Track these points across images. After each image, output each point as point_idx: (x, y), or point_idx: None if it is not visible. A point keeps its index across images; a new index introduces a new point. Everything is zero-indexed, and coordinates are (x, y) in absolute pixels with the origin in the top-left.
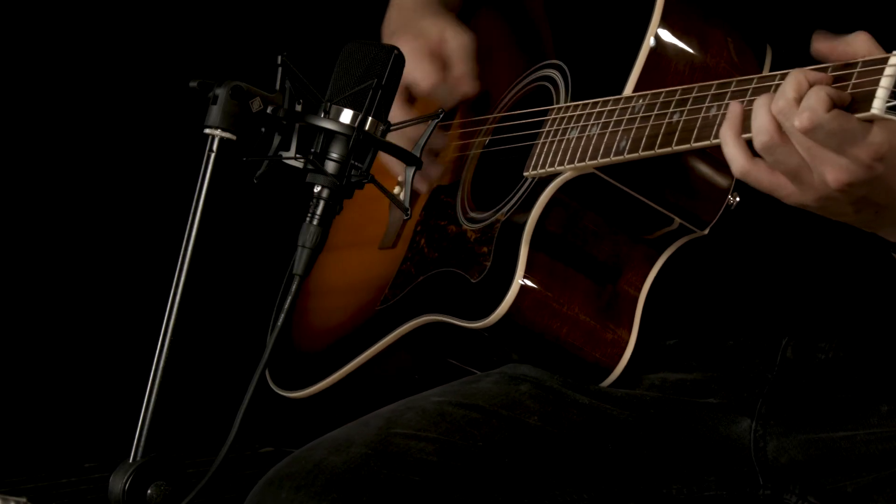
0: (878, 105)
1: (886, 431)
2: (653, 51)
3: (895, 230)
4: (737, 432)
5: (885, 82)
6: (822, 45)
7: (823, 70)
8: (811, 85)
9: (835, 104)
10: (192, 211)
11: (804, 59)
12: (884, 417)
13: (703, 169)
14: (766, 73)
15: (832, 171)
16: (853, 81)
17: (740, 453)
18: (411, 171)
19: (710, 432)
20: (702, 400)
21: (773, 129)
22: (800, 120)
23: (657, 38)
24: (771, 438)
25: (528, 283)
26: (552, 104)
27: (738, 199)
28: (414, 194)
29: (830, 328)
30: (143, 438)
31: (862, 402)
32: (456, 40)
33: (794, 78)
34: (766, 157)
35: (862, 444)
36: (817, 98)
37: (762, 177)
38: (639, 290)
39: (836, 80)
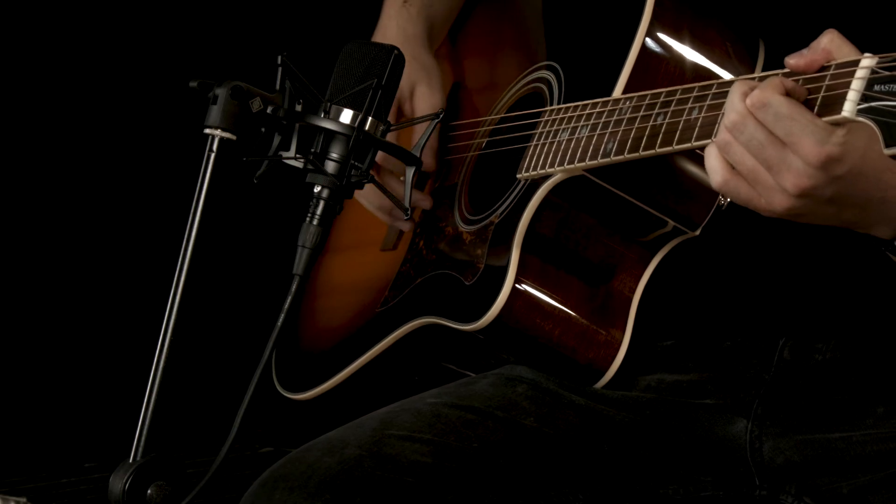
0: (848, 108)
1: (882, 433)
2: (642, 52)
3: (887, 228)
4: (733, 433)
5: (855, 84)
6: (794, 61)
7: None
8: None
9: (789, 93)
10: (192, 211)
11: None
12: (880, 418)
13: (693, 170)
14: (758, 70)
15: (790, 177)
16: (826, 83)
17: (736, 454)
18: (411, 171)
19: (707, 433)
20: (698, 401)
21: (724, 163)
22: (750, 98)
23: (647, 39)
24: (767, 439)
25: (520, 285)
26: (546, 106)
27: (728, 199)
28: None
29: (827, 329)
30: (143, 438)
31: (858, 403)
32: (424, 102)
33: (738, 91)
34: (730, 146)
35: (858, 445)
36: (770, 81)
37: (740, 188)
38: (633, 291)
39: (809, 82)
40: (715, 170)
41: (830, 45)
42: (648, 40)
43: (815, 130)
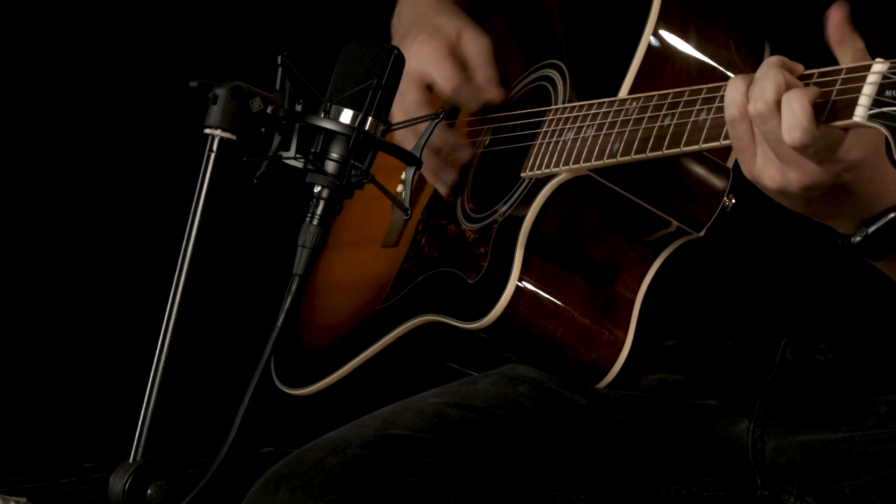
0: (860, 113)
1: (884, 433)
2: (649, 52)
3: (847, 222)
4: (735, 433)
5: (867, 90)
6: (836, 18)
7: (809, 76)
8: (787, 87)
9: (817, 112)
10: (192, 211)
11: (802, 57)
12: (882, 419)
13: (699, 171)
14: None
15: (797, 174)
16: (837, 87)
17: (738, 454)
18: (411, 171)
19: (709, 433)
20: (700, 401)
21: (741, 105)
22: (791, 137)
23: (653, 39)
24: (769, 439)
25: (524, 284)
26: (550, 104)
27: (733, 200)
28: (415, 193)
29: (829, 329)
30: (143, 438)
31: (860, 403)
32: (475, 43)
33: (774, 81)
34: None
35: (860, 445)
36: (804, 114)
37: (745, 138)
38: (635, 291)
39: (820, 86)
40: (731, 102)
41: (856, 57)
42: (654, 40)
43: (840, 146)
